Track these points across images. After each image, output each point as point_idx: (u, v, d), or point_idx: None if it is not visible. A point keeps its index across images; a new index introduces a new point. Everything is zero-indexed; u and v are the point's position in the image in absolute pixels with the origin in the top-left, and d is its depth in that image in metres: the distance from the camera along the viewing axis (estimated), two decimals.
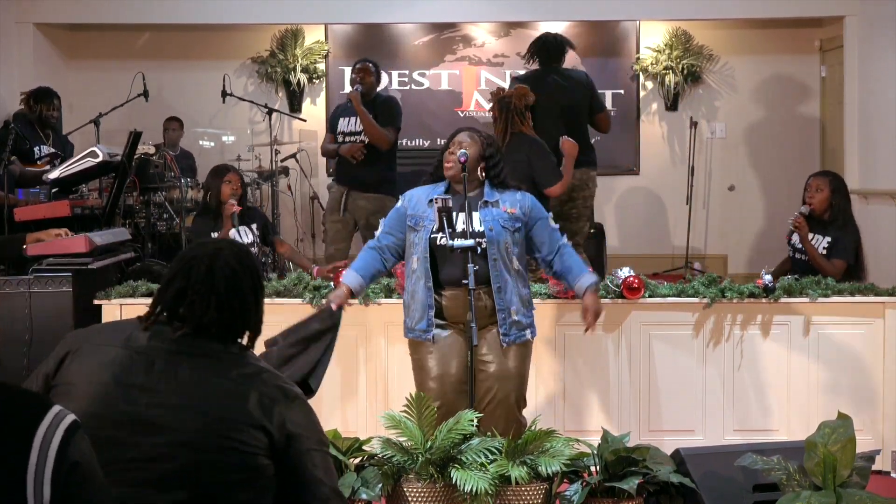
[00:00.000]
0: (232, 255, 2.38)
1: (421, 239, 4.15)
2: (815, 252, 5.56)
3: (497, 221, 4.13)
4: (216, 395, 2.25)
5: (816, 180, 5.75)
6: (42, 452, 1.74)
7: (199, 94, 9.89)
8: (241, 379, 2.29)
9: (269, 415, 2.26)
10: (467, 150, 4.18)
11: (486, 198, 4.19)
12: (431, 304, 4.14)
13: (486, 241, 4.09)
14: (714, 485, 4.01)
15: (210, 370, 2.29)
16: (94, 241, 5.36)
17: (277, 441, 2.26)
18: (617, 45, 10.14)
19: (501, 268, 4.11)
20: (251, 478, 2.23)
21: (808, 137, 9.95)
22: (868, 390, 5.12)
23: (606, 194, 9.57)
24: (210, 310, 2.32)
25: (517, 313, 4.15)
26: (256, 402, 2.26)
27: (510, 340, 4.14)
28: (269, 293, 5.08)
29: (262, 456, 2.24)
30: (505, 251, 4.12)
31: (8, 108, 7.97)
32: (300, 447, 2.28)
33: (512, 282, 4.13)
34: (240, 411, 2.24)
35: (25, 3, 8.80)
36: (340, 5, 9.04)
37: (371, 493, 3.77)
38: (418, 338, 4.19)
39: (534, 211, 4.24)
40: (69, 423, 1.79)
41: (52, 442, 1.76)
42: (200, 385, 2.26)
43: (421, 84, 10.12)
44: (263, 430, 2.24)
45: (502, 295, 4.12)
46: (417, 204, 4.23)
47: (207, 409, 2.23)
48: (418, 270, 4.15)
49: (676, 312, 5.13)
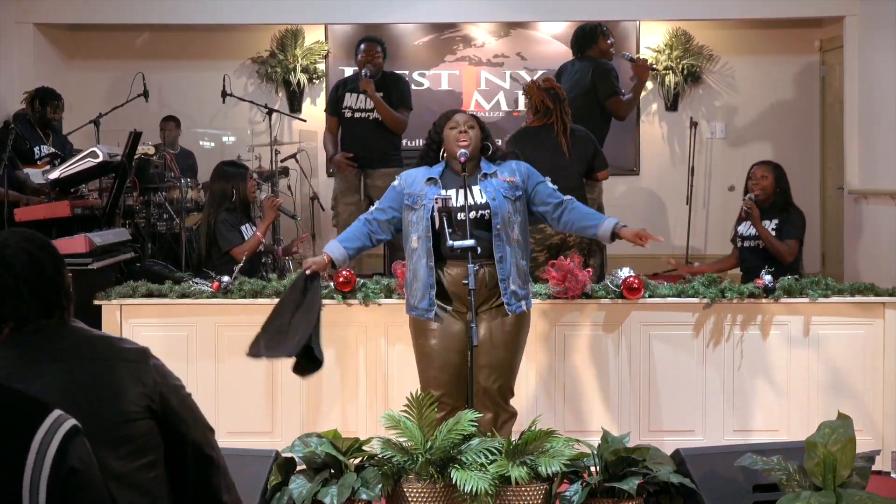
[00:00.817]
0: (21, 239, 2.34)
1: (420, 218, 4.17)
2: (768, 234, 5.80)
3: (499, 192, 4.20)
4: (84, 378, 2.23)
5: (761, 169, 6.04)
6: (39, 457, 1.73)
7: (199, 95, 9.88)
8: (98, 354, 2.28)
9: (140, 379, 2.28)
10: (473, 128, 4.26)
11: (484, 170, 4.27)
12: (433, 283, 4.17)
13: (489, 211, 4.14)
14: (714, 485, 4.01)
15: (63, 355, 2.25)
16: (94, 241, 5.36)
17: (154, 401, 2.29)
18: (617, 46, 10.13)
19: (504, 237, 4.16)
20: (140, 445, 2.25)
21: (808, 137, 9.94)
22: (868, 390, 5.12)
23: (606, 194, 9.53)
24: (25, 300, 2.28)
25: (514, 283, 4.19)
26: (126, 372, 2.27)
27: (512, 310, 4.18)
28: (269, 293, 5.09)
29: (146, 419, 2.27)
30: (507, 220, 4.18)
31: (8, 108, 7.97)
32: (175, 399, 2.35)
33: (511, 252, 4.18)
34: (111, 385, 2.24)
35: (25, 3, 8.80)
36: (340, 5, 9.04)
37: (371, 494, 3.77)
38: (420, 316, 4.21)
39: (531, 175, 4.32)
40: (68, 428, 1.78)
41: (49, 447, 1.75)
42: (63, 374, 2.22)
43: (421, 84, 10.11)
44: (141, 394, 2.26)
45: (503, 264, 4.16)
46: (414, 183, 4.27)
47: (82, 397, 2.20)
48: (419, 249, 4.18)
49: (676, 312, 5.13)
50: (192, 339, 5.12)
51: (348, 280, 5.05)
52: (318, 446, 3.94)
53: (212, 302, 5.08)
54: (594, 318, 5.12)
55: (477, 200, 4.19)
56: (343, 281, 5.05)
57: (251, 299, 5.09)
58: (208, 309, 5.11)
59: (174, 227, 7.94)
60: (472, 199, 4.18)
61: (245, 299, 5.10)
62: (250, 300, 5.09)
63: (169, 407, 2.34)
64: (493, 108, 9.99)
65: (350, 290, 5.06)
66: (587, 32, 7.07)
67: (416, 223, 4.19)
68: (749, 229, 5.93)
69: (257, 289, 5.11)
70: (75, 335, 2.33)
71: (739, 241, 5.97)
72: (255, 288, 5.11)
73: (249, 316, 5.09)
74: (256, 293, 5.10)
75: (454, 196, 4.16)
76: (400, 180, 4.34)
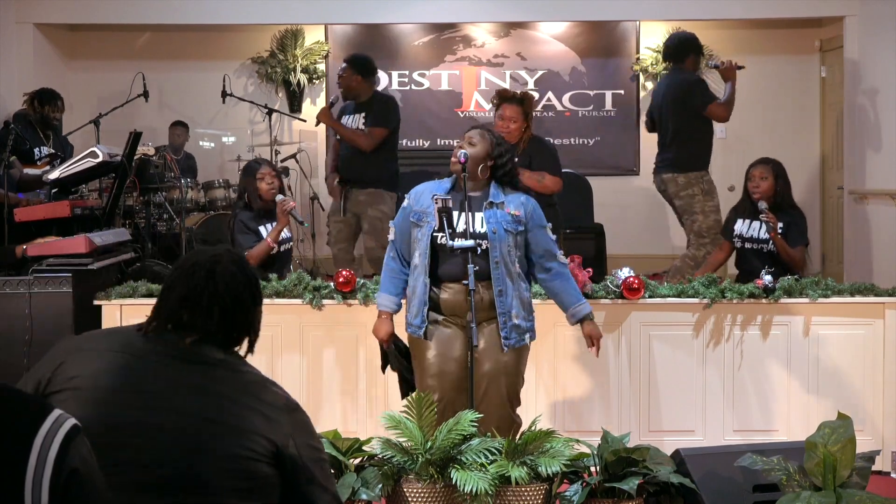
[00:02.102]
0: (231, 261, 2.38)
1: (423, 235, 4.15)
2: (784, 245, 5.65)
3: (500, 224, 4.11)
4: (220, 401, 2.25)
5: (760, 169, 5.87)
6: (41, 457, 1.73)
7: (199, 95, 9.89)
8: (244, 387, 2.29)
9: (272, 423, 2.26)
10: (476, 145, 4.19)
11: (491, 199, 4.18)
12: (426, 300, 4.14)
13: (487, 242, 4.09)
14: (714, 485, 4.01)
15: (213, 377, 2.28)
16: (94, 241, 5.36)
17: (281, 449, 2.26)
18: (617, 46, 10.15)
19: (503, 270, 4.10)
20: (253, 486, 2.23)
21: (808, 137, 9.95)
22: (868, 390, 5.12)
23: (606, 194, 9.58)
24: (213, 317, 2.32)
25: (517, 317, 4.13)
26: (260, 411, 2.26)
27: (510, 344, 4.14)
28: (269, 293, 5.09)
29: (264, 464, 2.24)
30: (507, 254, 4.11)
31: (8, 108, 7.97)
32: (303, 456, 2.29)
33: (513, 285, 4.12)
34: (244, 419, 2.24)
35: (25, 3, 8.80)
36: (340, 5, 9.04)
37: (371, 494, 3.77)
38: (413, 333, 4.20)
39: (534, 216, 4.20)
40: (69, 428, 1.78)
41: (51, 447, 1.74)
42: (204, 392, 2.25)
43: (421, 84, 10.12)
44: (267, 438, 2.24)
45: (503, 298, 4.11)
46: (421, 199, 4.23)
47: (212, 416, 2.23)
48: (419, 266, 4.16)
49: (676, 313, 5.13)
50: None
51: (348, 280, 5.05)
52: None
53: None
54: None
55: (477, 229, 4.12)
56: (343, 281, 5.05)
57: None
58: None
59: (174, 227, 7.95)
60: (472, 227, 4.11)
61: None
62: None
63: (296, 459, 2.28)
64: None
65: (350, 290, 5.06)
66: (682, 43, 7.06)
67: (419, 240, 4.17)
68: (750, 230, 5.84)
69: None
70: (230, 360, 2.34)
71: (738, 240, 5.90)
72: None
73: None
74: None
75: (456, 215, 4.10)
76: (409, 199, 4.28)
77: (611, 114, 10.10)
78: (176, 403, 2.23)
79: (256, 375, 2.35)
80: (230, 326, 2.35)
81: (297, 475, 2.29)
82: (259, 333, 2.42)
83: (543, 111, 10.14)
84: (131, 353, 2.29)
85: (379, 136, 6.83)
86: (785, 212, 5.77)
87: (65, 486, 1.75)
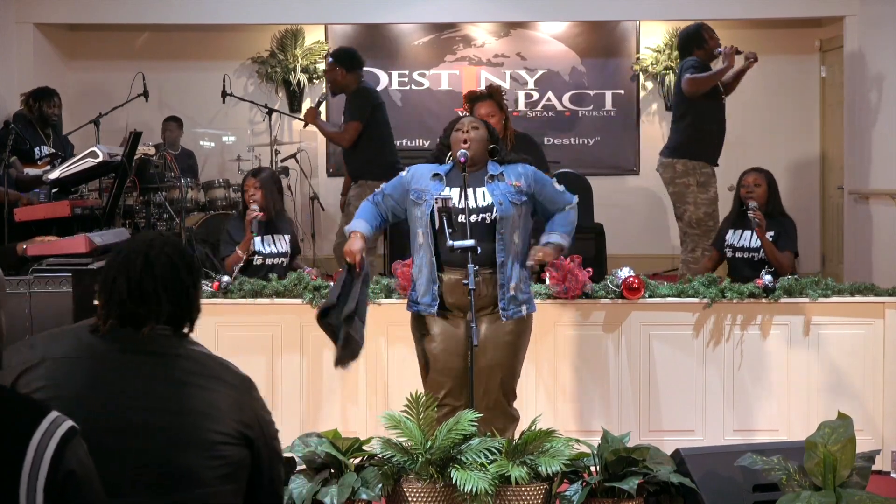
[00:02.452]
0: (164, 244, 2.38)
1: (424, 213, 4.17)
2: (771, 246, 5.66)
3: (506, 196, 4.17)
4: (187, 391, 2.26)
5: (754, 176, 5.87)
6: (36, 460, 1.73)
7: (199, 95, 9.89)
8: (207, 371, 2.31)
9: (239, 405, 2.30)
10: (479, 128, 4.25)
11: (490, 171, 4.23)
12: (435, 279, 4.17)
13: (496, 215, 4.13)
14: (714, 485, 4.01)
15: (175, 367, 2.29)
16: (94, 241, 5.36)
17: (250, 429, 2.30)
18: (617, 46, 10.15)
19: (507, 241, 4.14)
20: (232, 470, 2.26)
21: (808, 137, 9.95)
22: (868, 390, 5.12)
23: (606, 194, 9.58)
24: (161, 303, 2.32)
25: (515, 289, 4.17)
26: (226, 393, 2.29)
27: (509, 315, 4.16)
28: (269, 293, 5.09)
29: (237, 446, 2.28)
30: (512, 226, 4.15)
31: (8, 108, 7.98)
32: (268, 431, 2.37)
33: (513, 257, 4.17)
34: (213, 405, 2.26)
35: (25, 3, 8.80)
36: (340, 5, 9.04)
37: (371, 494, 3.77)
38: (422, 311, 4.21)
39: (537, 176, 4.29)
40: (65, 431, 1.77)
41: (46, 449, 1.74)
42: (170, 383, 2.26)
43: (421, 84, 10.12)
44: (236, 420, 2.28)
45: (503, 269, 4.14)
46: (420, 178, 4.26)
47: (183, 407, 2.23)
48: (424, 245, 4.17)
49: (676, 312, 5.13)
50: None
51: None
52: (318, 446, 3.94)
53: (212, 302, 5.07)
54: (594, 318, 5.12)
55: (480, 203, 4.16)
56: None
57: (251, 299, 5.09)
58: (208, 309, 5.00)
59: (174, 227, 7.95)
60: (475, 202, 4.16)
61: (245, 299, 5.10)
62: (250, 300, 5.10)
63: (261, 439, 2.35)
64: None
65: None
66: (684, 39, 7.06)
67: (420, 218, 4.19)
68: (741, 240, 5.81)
69: (257, 289, 5.11)
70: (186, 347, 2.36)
71: (730, 250, 5.86)
72: (255, 288, 5.11)
73: (249, 316, 5.10)
74: (256, 293, 5.10)
75: (457, 195, 4.15)
76: (408, 173, 4.33)
77: (611, 114, 10.10)
78: (145, 401, 2.23)
79: (213, 358, 2.37)
80: (176, 308, 2.35)
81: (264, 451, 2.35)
82: (199, 313, 2.42)
83: (543, 111, 10.15)
84: (90, 356, 2.28)
85: (353, 131, 6.90)
86: (776, 219, 5.76)
87: (61, 487, 1.74)
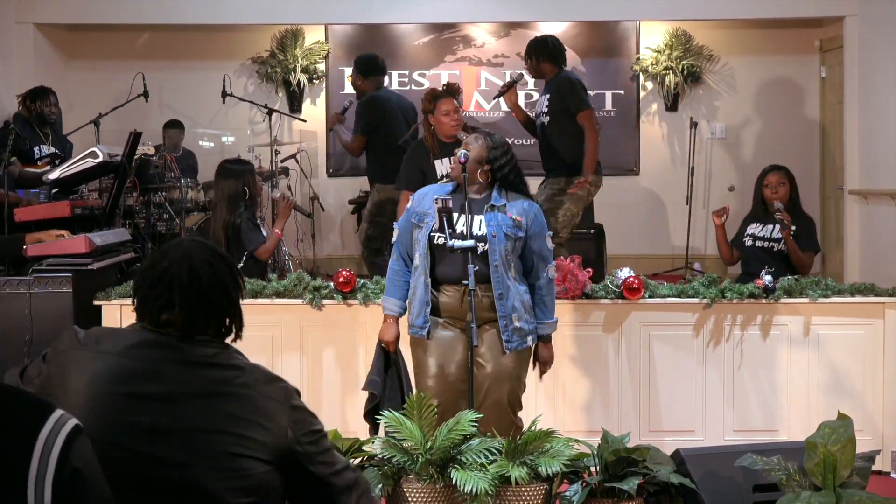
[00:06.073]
0: (205, 251, 2.35)
1: (423, 236, 4.16)
2: (795, 246, 5.68)
3: (501, 228, 4.11)
4: (222, 399, 2.24)
5: (777, 175, 5.91)
6: (43, 458, 1.73)
7: (199, 95, 9.89)
8: (243, 382, 2.27)
9: (275, 417, 2.25)
10: (472, 150, 4.18)
11: (493, 202, 4.18)
12: (428, 300, 4.15)
13: (487, 245, 4.09)
14: (714, 485, 4.01)
15: (211, 376, 2.27)
16: (94, 241, 5.36)
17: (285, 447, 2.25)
18: (617, 46, 10.15)
19: (503, 273, 4.10)
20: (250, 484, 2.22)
21: (808, 137, 9.95)
22: (868, 390, 5.12)
23: (606, 194, 9.57)
24: (200, 311, 2.30)
25: (519, 320, 4.13)
26: (262, 405, 2.25)
27: (513, 347, 4.14)
28: (269, 293, 5.09)
29: (260, 461, 2.22)
30: (505, 258, 4.11)
31: (8, 108, 7.97)
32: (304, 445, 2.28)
33: (514, 288, 4.12)
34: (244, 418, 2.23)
35: (25, 3, 8.80)
36: (340, 5, 9.04)
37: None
38: (416, 334, 4.20)
39: (536, 222, 4.20)
40: (71, 428, 1.78)
41: (53, 447, 1.74)
42: (205, 391, 2.24)
43: (421, 84, 10.11)
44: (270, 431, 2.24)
45: (504, 302, 4.10)
46: (424, 200, 4.24)
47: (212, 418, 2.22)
48: (419, 267, 4.17)
49: (676, 313, 5.13)
50: None
51: (348, 280, 5.05)
52: None
53: None
54: (594, 319, 5.12)
55: (476, 232, 4.11)
56: (343, 281, 5.05)
57: (251, 299, 5.09)
58: None
59: (174, 227, 7.94)
60: (471, 230, 4.10)
61: (245, 299, 5.08)
62: (250, 300, 5.09)
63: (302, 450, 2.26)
64: (493, 109, 10.00)
65: (350, 290, 5.06)
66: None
67: (419, 240, 4.18)
68: (764, 230, 5.85)
69: (257, 289, 5.11)
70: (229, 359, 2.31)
71: (750, 239, 5.88)
72: (255, 288, 5.11)
73: (249, 316, 5.06)
74: (256, 293, 5.10)
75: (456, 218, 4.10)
76: (413, 201, 4.31)
77: (611, 114, 10.10)
78: (177, 405, 2.22)
79: (249, 368, 2.32)
80: (218, 318, 2.33)
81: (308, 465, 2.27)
82: (243, 319, 2.39)
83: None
84: (129, 357, 2.26)
85: (357, 143, 7.28)
86: (797, 218, 5.80)
87: (68, 485, 1.75)
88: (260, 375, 2.32)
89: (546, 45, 6.59)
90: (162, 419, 2.21)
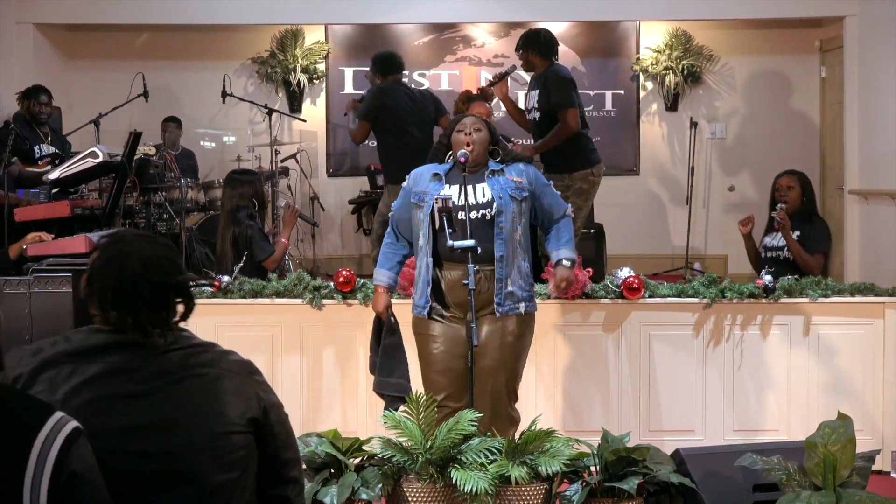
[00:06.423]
0: (142, 242, 2.33)
1: (426, 215, 4.17)
2: (798, 247, 5.70)
3: (506, 190, 4.18)
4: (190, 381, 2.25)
5: (788, 179, 5.90)
6: (40, 460, 1.72)
7: (199, 95, 9.89)
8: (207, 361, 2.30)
9: (244, 393, 2.30)
10: (482, 130, 4.25)
11: (491, 167, 4.25)
12: (429, 280, 4.17)
13: (495, 209, 4.13)
14: (714, 485, 4.01)
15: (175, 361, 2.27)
16: (93, 241, 5.36)
17: (258, 416, 2.31)
18: (617, 46, 10.14)
19: (507, 237, 4.14)
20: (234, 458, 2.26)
21: (808, 137, 9.95)
22: (868, 390, 5.12)
23: (606, 194, 9.57)
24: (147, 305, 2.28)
25: (513, 284, 4.16)
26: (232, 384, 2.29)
27: (503, 311, 4.15)
28: (269, 293, 5.09)
29: (240, 434, 2.28)
30: (512, 220, 4.15)
31: (8, 108, 7.97)
32: (274, 416, 2.37)
33: (512, 252, 4.16)
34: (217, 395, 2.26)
35: (25, 3, 8.80)
36: (340, 5, 9.04)
37: (371, 494, 3.77)
38: (418, 313, 4.23)
39: (537, 179, 4.31)
40: (70, 431, 1.77)
41: (50, 450, 1.73)
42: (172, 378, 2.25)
43: (421, 84, 10.10)
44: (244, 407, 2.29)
45: (502, 264, 4.14)
46: (421, 180, 4.28)
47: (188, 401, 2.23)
48: (423, 246, 4.18)
49: (676, 313, 5.13)
50: None
51: (348, 280, 5.05)
52: (318, 446, 3.94)
53: (212, 302, 5.08)
54: (594, 319, 5.12)
55: (479, 199, 4.17)
56: (343, 281, 5.05)
57: (251, 299, 5.09)
58: (208, 309, 5.10)
59: (174, 227, 7.94)
60: (475, 199, 4.16)
61: (245, 299, 5.10)
62: (250, 300, 5.09)
63: (268, 423, 2.35)
64: (493, 109, 9.98)
65: (350, 290, 5.06)
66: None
67: (422, 220, 4.20)
68: (774, 240, 5.85)
69: (257, 289, 5.11)
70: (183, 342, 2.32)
71: (763, 250, 5.89)
72: (255, 288, 5.11)
73: (249, 316, 5.10)
74: (256, 293, 5.10)
75: (457, 193, 4.15)
76: (409, 180, 4.34)
77: (611, 114, 10.10)
78: (145, 400, 2.22)
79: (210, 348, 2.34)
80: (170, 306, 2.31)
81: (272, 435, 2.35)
82: (193, 298, 2.37)
83: None
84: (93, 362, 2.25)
85: (359, 128, 7.18)
86: (809, 220, 5.81)
87: (64, 488, 1.74)
88: (218, 350, 2.36)
89: (537, 37, 6.52)
90: (139, 415, 2.21)
